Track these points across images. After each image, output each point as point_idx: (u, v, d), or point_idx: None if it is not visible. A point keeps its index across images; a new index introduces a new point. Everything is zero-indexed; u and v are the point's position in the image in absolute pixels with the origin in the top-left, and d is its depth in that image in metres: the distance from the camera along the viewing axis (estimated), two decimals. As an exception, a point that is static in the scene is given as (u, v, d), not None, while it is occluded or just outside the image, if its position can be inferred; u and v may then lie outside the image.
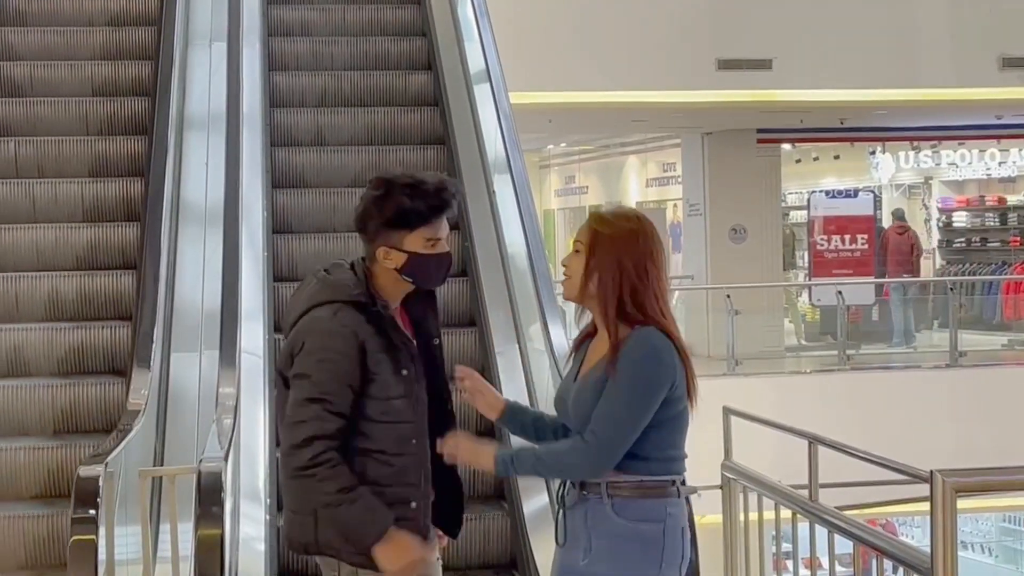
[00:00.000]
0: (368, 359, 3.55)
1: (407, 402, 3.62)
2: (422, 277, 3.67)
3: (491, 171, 7.29)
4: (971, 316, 17.52)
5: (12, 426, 5.86)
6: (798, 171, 23.28)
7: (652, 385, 3.48)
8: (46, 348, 6.21)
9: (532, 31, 13.81)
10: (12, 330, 6.23)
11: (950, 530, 3.46)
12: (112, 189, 7.07)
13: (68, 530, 3.90)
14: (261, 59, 8.14)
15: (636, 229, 3.56)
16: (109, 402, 5.93)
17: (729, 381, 13.99)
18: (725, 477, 5.94)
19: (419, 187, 3.60)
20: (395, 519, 3.58)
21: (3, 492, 5.58)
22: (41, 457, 5.61)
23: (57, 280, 6.52)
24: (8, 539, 5.30)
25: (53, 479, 5.60)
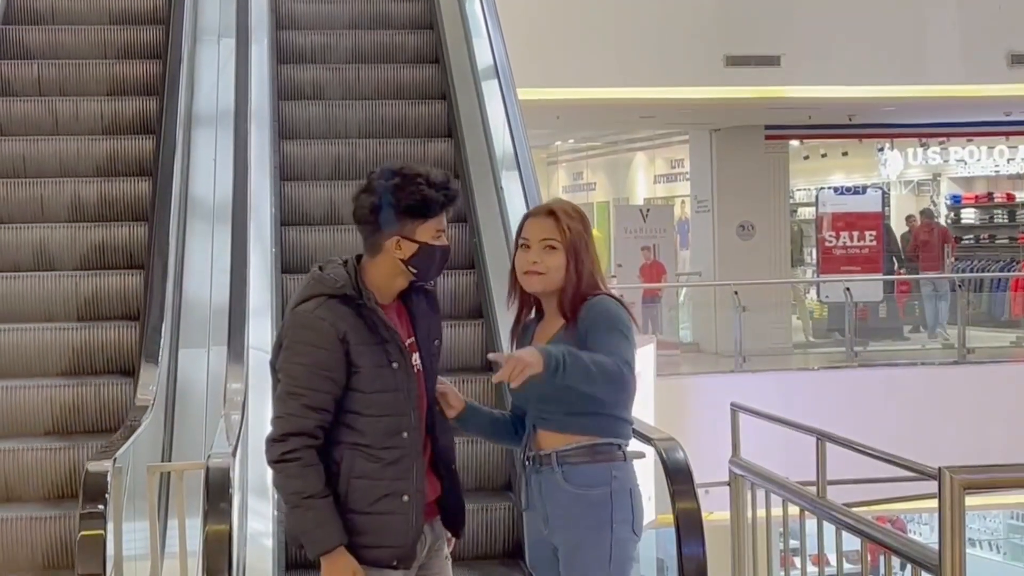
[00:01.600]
0: (351, 351, 3.55)
1: (397, 395, 3.61)
2: (426, 269, 3.68)
3: (499, 167, 7.29)
4: (979, 313, 17.49)
5: (39, 313, 6.47)
6: (806, 167, 23.27)
7: (628, 327, 3.74)
8: (69, 244, 6.85)
9: (541, 27, 13.81)
10: (38, 228, 6.88)
11: (958, 527, 3.46)
12: (129, 106, 7.72)
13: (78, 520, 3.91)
14: (270, 52, 8.15)
15: (584, 216, 3.88)
16: (128, 292, 6.55)
17: (736, 378, 13.99)
18: (733, 474, 5.93)
19: (429, 177, 3.63)
20: (387, 512, 3.59)
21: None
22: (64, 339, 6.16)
23: (79, 185, 7.18)
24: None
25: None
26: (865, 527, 4.54)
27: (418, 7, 8.93)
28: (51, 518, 5.35)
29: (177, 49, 7.54)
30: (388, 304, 3.69)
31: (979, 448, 12.59)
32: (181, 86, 7.29)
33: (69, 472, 5.63)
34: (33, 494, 5.64)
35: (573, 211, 3.85)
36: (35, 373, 6.18)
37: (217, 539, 3.90)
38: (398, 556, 3.64)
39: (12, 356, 6.19)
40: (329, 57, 8.55)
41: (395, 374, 3.61)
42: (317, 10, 8.93)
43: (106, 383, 6.07)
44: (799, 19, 15.03)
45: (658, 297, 17.22)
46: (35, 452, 5.68)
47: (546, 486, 3.77)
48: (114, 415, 5.91)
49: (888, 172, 23.26)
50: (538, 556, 3.89)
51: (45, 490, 5.64)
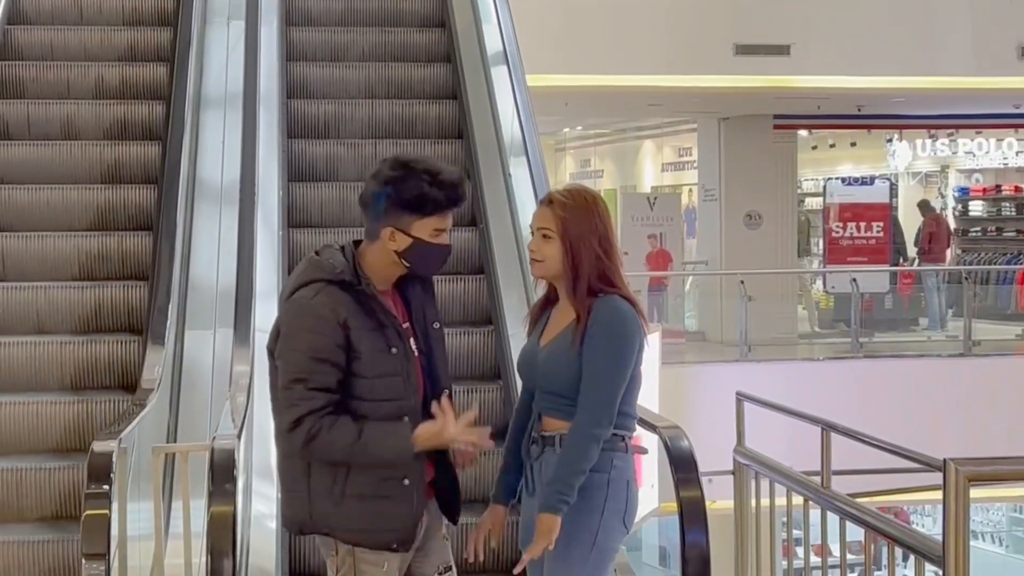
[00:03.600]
0: (351, 336, 3.56)
1: (397, 380, 3.63)
2: (421, 264, 3.69)
3: (507, 154, 7.27)
4: (985, 305, 17.48)
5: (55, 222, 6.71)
6: (814, 158, 23.24)
7: (628, 344, 3.76)
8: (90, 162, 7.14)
9: (550, 14, 13.79)
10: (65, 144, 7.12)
11: (962, 519, 3.46)
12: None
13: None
14: (279, 36, 8.14)
15: (592, 207, 3.85)
16: (143, 202, 6.81)
17: (741, 367, 13.99)
18: (737, 463, 5.93)
19: (438, 176, 3.62)
20: (388, 496, 3.61)
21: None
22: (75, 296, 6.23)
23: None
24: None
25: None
26: (869, 517, 4.54)
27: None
28: (62, 468, 5.39)
29: (188, 27, 7.53)
30: (384, 290, 3.70)
31: (983, 440, 12.60)
32: (191, 65, 7.28)
33: (81, 425, 5.68)
34: (45, 447, 5.65)
35: (572, 199, 3.84)
36: (49, 331, 6.19)
37: (221, 520, 3.91)
38: (398, 539, 3.67)
39: (28, 313, 6.22)
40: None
41: (395, 359, 3.62)
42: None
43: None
44: (809, 9, 15.00)
45: (664, 285, 17.21)
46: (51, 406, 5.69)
47: (546, 467, 3.81)
48: (127, 373, 5.95)
49: (896, 163, 23.23)
50: (529, 537, 3.88)
51: (56, 443, 5.66)
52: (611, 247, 3.84)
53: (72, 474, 5.33)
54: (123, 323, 6.27)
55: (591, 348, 3.72)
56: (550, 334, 3.87)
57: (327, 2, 8.74)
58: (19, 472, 5.38)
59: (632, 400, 3.87)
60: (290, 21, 8.50)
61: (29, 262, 6.53)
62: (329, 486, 3.61)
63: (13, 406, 5.70)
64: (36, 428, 5.67)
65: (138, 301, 6.25)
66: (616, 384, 3.74)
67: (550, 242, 3.81)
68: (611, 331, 3.74)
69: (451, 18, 8.54)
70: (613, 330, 3.74)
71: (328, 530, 3.66)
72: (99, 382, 6.01)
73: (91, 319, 6.27)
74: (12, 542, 5.10)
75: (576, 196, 3.86)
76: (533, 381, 3.90)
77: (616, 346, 3.73)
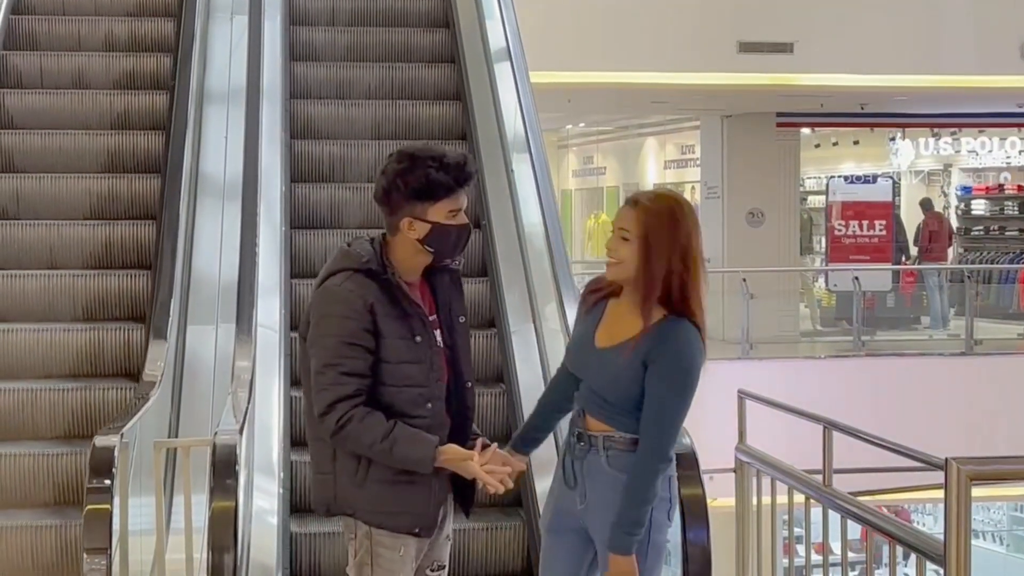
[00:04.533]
0: (377, 321, 3.64)
1: (421, 368, 3.70)
2: (443, 247, 3.75)
3: (510, 150, 7.26)
4: (987, 304, 17.47)
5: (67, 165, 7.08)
6: (817, 156, 23.22)
7: (694, 375, 3.70)
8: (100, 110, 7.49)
9: (554, 11, 13.77)
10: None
11: (964, 518, 3.46)
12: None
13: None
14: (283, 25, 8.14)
15: (680, 216, 3.70)
16: (151, 148, 7.15)
17: (743, 365, 13.99)
18: (739, 460, 5.93)
19: (442, 160, 3.69)
20: (411, 480, 3.66)
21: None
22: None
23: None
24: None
25: (92, 301, 6.43)
26: (871, 516, 4.54)
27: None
28: (74, 390, 5.79)
29: (191, 20, 7.53)
30: (412, 281, 3.77)
31: (985, 439, 12.60)
32: (194, 59, 7.28)
33: (92, 351, 6.11)
34: (59, 372, 6.03)
35: (658, 203, 3.71)
36: (61, 265, 6.58)
37: (222, 515, 3.91)
38: (420, 524, 3.72)
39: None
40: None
41: (419, 347, 3.69)
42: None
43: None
44: (813, 6, 14.98)
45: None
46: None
47: (589, 467, 3.79)
48: (136, 305, 6.37)
49: (899, 161, 23.20)
50: (560, 524, 3.90)
51: (70, 368, 6.06)
52: (693, 263, 3.72)
53: (84, 395, 5.80)
54: (132, 259, 6.67)
55: (657, 376, 3.66)
56: (610, 335, 3.78)
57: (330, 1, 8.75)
58: (35, 393, 5.80)
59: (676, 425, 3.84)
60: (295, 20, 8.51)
61: (43, 202, 6.92)
62: (354, 469, 3.68)
63: (29, 333, 6.12)
64: (50, 354, 6.09)
65: (146, 239, 6.63)
66: (680, 416, 3.71)
67: (628, 244, 3.70)
68: (679, 361, 3.68)
69: (455, 15, 8.53)
70: (681, 360, 3.68)
71: (351, 511, 3.72)
72: (109, 313, 6.41)
73: (102, 255, 6.67)
74: (29, 455, 5.51)
75: (663, 201, 3.74)
76: (582, 375, 3.83)
77: (682, 378, 3.68)
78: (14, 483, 5.47)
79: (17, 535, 5.19)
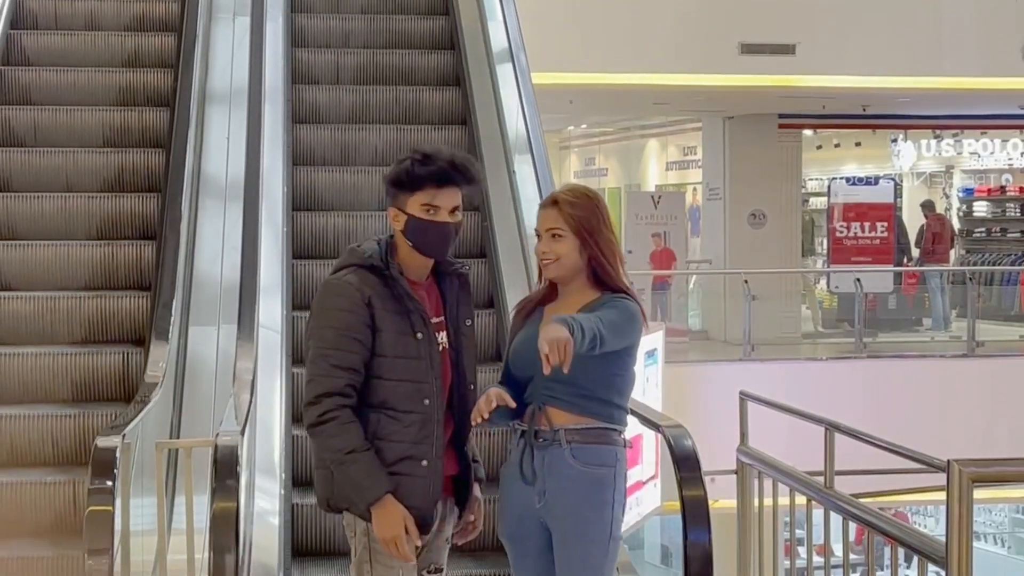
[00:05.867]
0: (375, 315, 3.68)
1: (419, 363, 3.72)
2: (422, 241, 3.77)
3: (512, 151, 7.27)
4: (989, 306, 17.47)
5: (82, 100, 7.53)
6: (819, 157, 23.23)
7: (634, 327, 3.85)
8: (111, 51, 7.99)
9: (555, 11, 13.78)
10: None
11: (966, 520, 3.46)
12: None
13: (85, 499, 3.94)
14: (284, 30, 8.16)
15: (597, 203, 3.92)
16: (160, 85, 7.64)
17: (745, 366, 13.98)
18: (740, 462, 5.93)
19: (430, 156, 3.74)
20: (406, 475, 3.67)
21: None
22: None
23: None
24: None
25: (106, 221, 6.92)
26: (872, 518, 4.53)
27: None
28: (81, 354, 6.04)
29: (193, 23, 7.57)
30: (420, 282, 3.82)
31: (986, 441, 12.59)
32: (196, 62, 7.30)
33: (107, 267, 6.58)
34: (66, 338, 6.28)
35: (576, 198, 3.90)
36: (77, 189, 7.05)
37: (224, 516, 3.91)
38: (416, 519, 3.70)
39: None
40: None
41: (419, 344, 3.72)
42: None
43: (139, 197, 6.95)
44: (815, 8, 14.99)
45: (668, 284, 17.20)
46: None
47: (550, 461, 3.81)
48: (146, 225, 6.81)
49: (901, 163, 23.21)
50: (521, 529, 3.91)
51: (86, 281, 6.49)
52: (616, 243, 3.92)
53: (98, 303, 6.31)
54: (143, 184, 7.14)
55: (613, 322, 3.76)
56: None
57: None
58: (54, 300, 6.31)
59: (629, 396, 3.94)
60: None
61: (58, 132, 7.42)
62: None
63: (48, 248, 6.64)
64: (66, 268, 6.60)
65: (155, 165, 7.10)
66: (619, 330, 3.76)
67: (562, 240, 3.85)
68: (621, 308, 3.81)
69: (456, 13, 8.55)
70: (623, 308, 3.81)
71: (348, 506, 3.73)
72: (122, 232, 6.87)
73: (115, 180, 7.14)
74: (48, 354, 6.01)
75: (580, 194, 3.93)
76: (531, 371, 3.82)
77: (626, 317, 3.80)
78: (36, 380, 5.97)
79: (40, 422, 5.69)
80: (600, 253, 3.86)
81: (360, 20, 8.65)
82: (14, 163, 7.15)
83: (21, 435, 5.67)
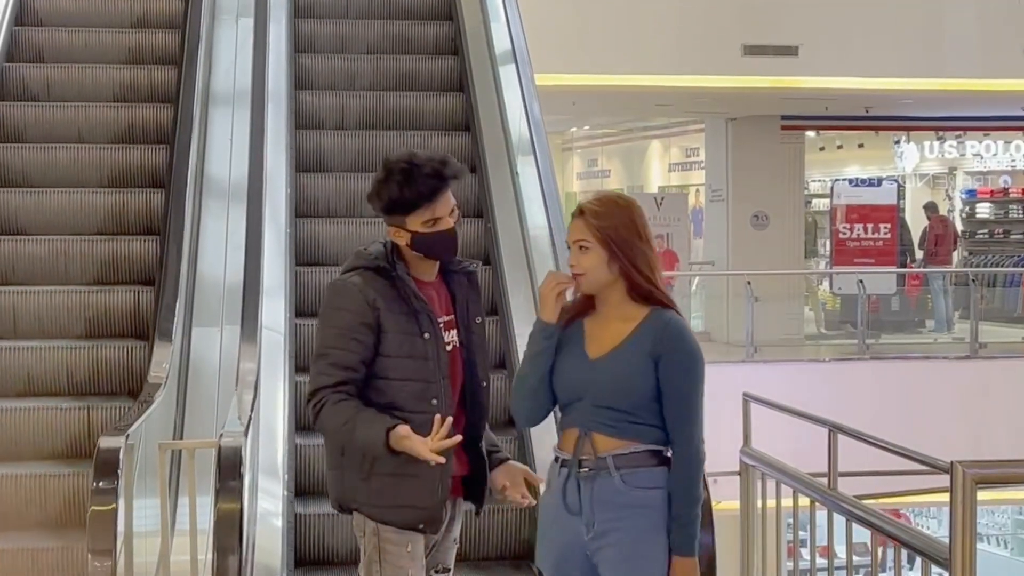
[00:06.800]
0: (381, 316, 3.68)
1: (426, 363, 3.72)
2: (431, 251, 3.79)
3: (515, 153, 7.27)
4: (992, 308, 17.46)
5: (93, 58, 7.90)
6: (822, 159, 23.21)
7: (703, 362, 3.70)
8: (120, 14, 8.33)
9: (559, 13, 13.78)
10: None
11: (969, 521, 3.46)
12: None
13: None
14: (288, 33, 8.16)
15: (627, 209, 3.72)
16: (168, 44, 8.03)
17: (748, 368, 13.97)
18: (743, 463, 5.92)
19: (412, 172, 3.70)
20: (414, 475, 3.65)
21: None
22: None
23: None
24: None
25: (122, 131, 7.51)
26: (876, 519, 4.53)
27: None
28: (95, 292, 6.36)
29: (196, 23, 7.59)
30: (429, 281, 3.82)
31: (990, 443, 12.58)
32: (199, 62, 7.31)
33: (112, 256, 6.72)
34: (80, 279, 6.58)
35: (602, 206, 3.70)
36: (88, 141, 7.42)
37: (227, 517, 3.92)
38: (424, 519, 3.73)
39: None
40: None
41: (425, 344, 3.72)
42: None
43: (148, 148, 7.28)
44: (817, 10, 14.98)
45: (670, 286, 17.15)
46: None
47: (599, 491, 3.65)
48: (155, 177, 7.15)
49: (904, 165, 23.19)
50: (565, 562, 3.72)
51: (91, 276, 6.64)
52: (652, 251, 3.72)
53: (110, 247, 6.67)
54: (152, 136, 7.48)
55: (674, 372, 3.63)
56: (601, 346, 3.68)
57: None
58: (67, 243, 6.62)
59: None
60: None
61: (71, 88, 7.80)
62: (359, 462, 3.70)
63: (60, 195, 6.99)
64: (79, 214, 6.92)
65: (164, 120, 7.44)
66: (701, 405, 3.67)
67: (588, 252, 3.66)
68: (691, 353, 3.67)
69: (459, 16, 8.54)
70: (693, 352, 3.67)
71: (357, 506, 3.75)
72: (131, 181, 7.23)
73: (125, 133, 7.53)
74: (63, 291, 6.37)
75: (608, 201, 3.74)
76: (581, 393, 3.69)
77: (699, 369, 3.67)
78: (51, 317, 6.34)
79: (56, 354, 6.09)
80: (632, 265, 3.65)
81: (362, 25, 8.64)
82: (28, 117, 7.53)
83: (38, 366, 6.05)
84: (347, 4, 8.85)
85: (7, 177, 7.15)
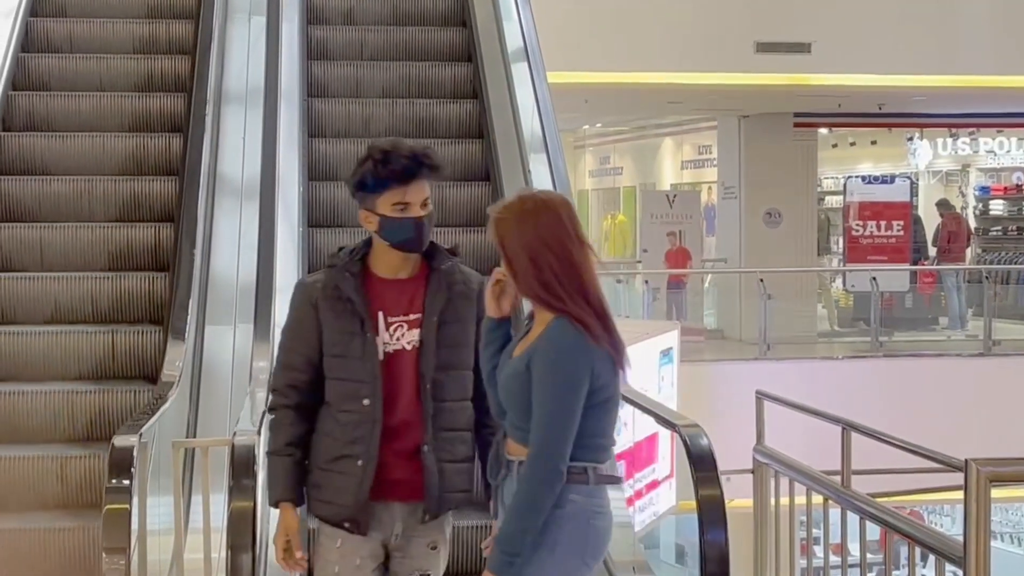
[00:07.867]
0: (320, 315, 3.72)
1: (359, 363, 3.68)
2: (399, 239, 3.71)
3: (527, 151, 7.27)
4: (1006, 305, 17.42)
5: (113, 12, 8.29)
6: (834, 156, 23.19)
7: (571, 379, 3.36)
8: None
9: (571, 11, 13.78)
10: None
11: (984, 519, 3.45)
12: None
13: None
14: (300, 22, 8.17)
15: (529, 215, 3.44)
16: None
17: (760, 365, 13.97)
18: (757, 461, 5.92)
19: (390, 154, 3.68)
20: (340, 472, 3.68)
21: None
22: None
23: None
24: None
25: (141, 81, 7.78)
26: (890, 517, 4.53)
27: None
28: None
29: (209, 21, 7.61)
30: (399, 279, 3.76)
31: (1003, 440, 12.54)
32: (212, 59, 7.33)
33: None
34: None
35: (501, 211, 3.47)
36: (109, 89, 7.67)
37: (241, 515, 3.92)
38: (347, 518, 3.70)
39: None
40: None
41: (364, 344, 3.68)
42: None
43: (168, 96, 7.48)
44: (830, 6, 14.96)
45: (683, 283, 17.20)
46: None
47: (506, 493, 3.51)
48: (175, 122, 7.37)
49: (917, 162, 23.16)
50: None
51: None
52: (565, 254, 3.41)
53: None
54: (171, 85, 7.75)
55: (535, 377, 3.37)
56: (516, 350, 3.52)
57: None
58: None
59: (604, 428, 3.48)
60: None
61: (92, 41, 8.06)
62: (312, 455, 3.76)
63: (83, 139, 7.19)
64: (101, 156, 7.15)
65: (181, 70, 7.73)
66: (562, 425, 3.34)
67: (505, 260, 3.47)
68: (554, 365, 3.36)
69: (472, 16, 8.53)
70: (555, 364, 3.35)
71: (306, 497, 3.79)
72: (151, 127, 7.41)
73: (144, 83, 7.78)
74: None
75: (508, 204, 3.49)
76: (494, 389, 3.59)
77: (558, 382, 3.34)
78: (76, 250, 6.57)
79: (81, 284, 6.34)
80: (531, 271, 3.40)
81: (375, 32, 8.62)
82: (52, 67, 7.80)
83: (64, 295, 6.31)
84: (361, 42, 8.76)
85: (33, 123, 7.42)
